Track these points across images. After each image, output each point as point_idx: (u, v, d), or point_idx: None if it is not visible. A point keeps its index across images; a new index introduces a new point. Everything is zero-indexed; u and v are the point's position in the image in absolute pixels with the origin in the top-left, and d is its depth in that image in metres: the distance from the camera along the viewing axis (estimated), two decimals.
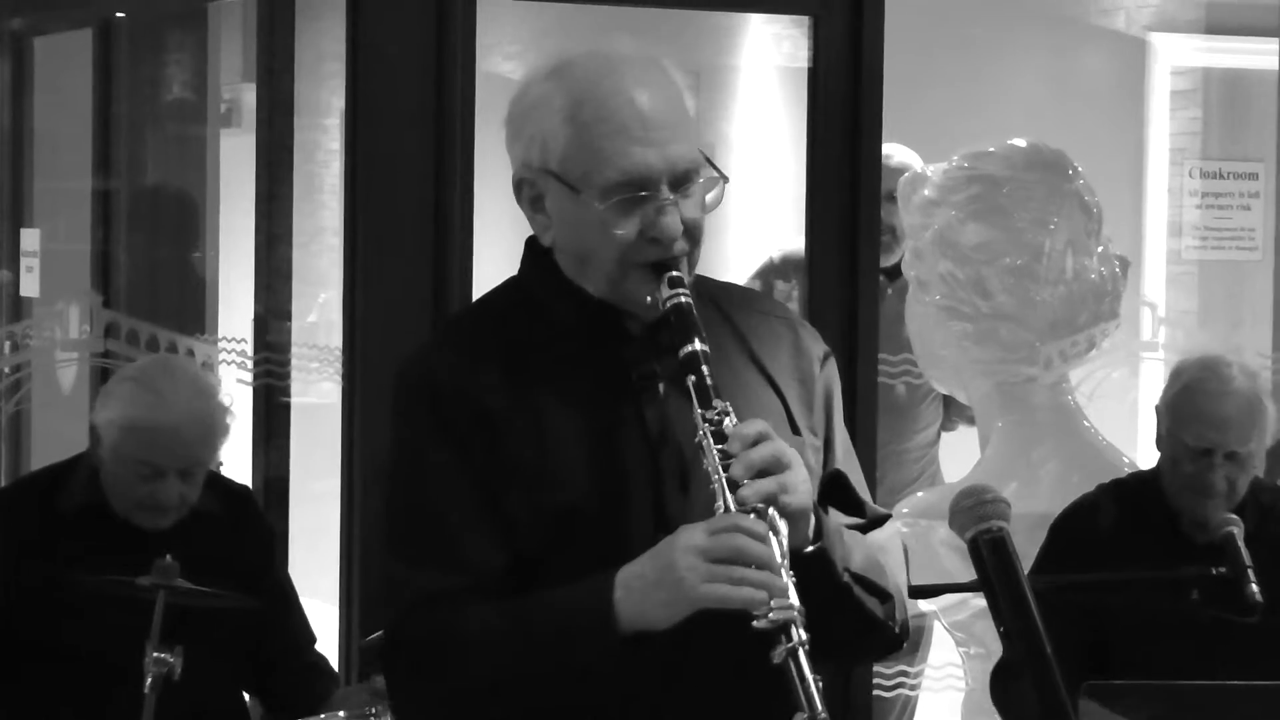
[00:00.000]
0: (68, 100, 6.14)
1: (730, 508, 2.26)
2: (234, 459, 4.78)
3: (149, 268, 6.05)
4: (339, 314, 4.68)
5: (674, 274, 2.37)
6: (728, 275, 5.82)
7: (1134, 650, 4.01)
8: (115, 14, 5.95)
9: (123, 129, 5.93)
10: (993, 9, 7.44)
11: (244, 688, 4.16)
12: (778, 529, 2.26)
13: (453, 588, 2.34)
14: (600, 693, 2.31)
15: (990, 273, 5.27)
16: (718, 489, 2.27)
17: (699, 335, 2.35)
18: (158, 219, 6.15)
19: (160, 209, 6.18)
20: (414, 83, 4.52)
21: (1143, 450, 4.32)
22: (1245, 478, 4.09)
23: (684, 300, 2.36)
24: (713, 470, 2.28)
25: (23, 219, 6.15)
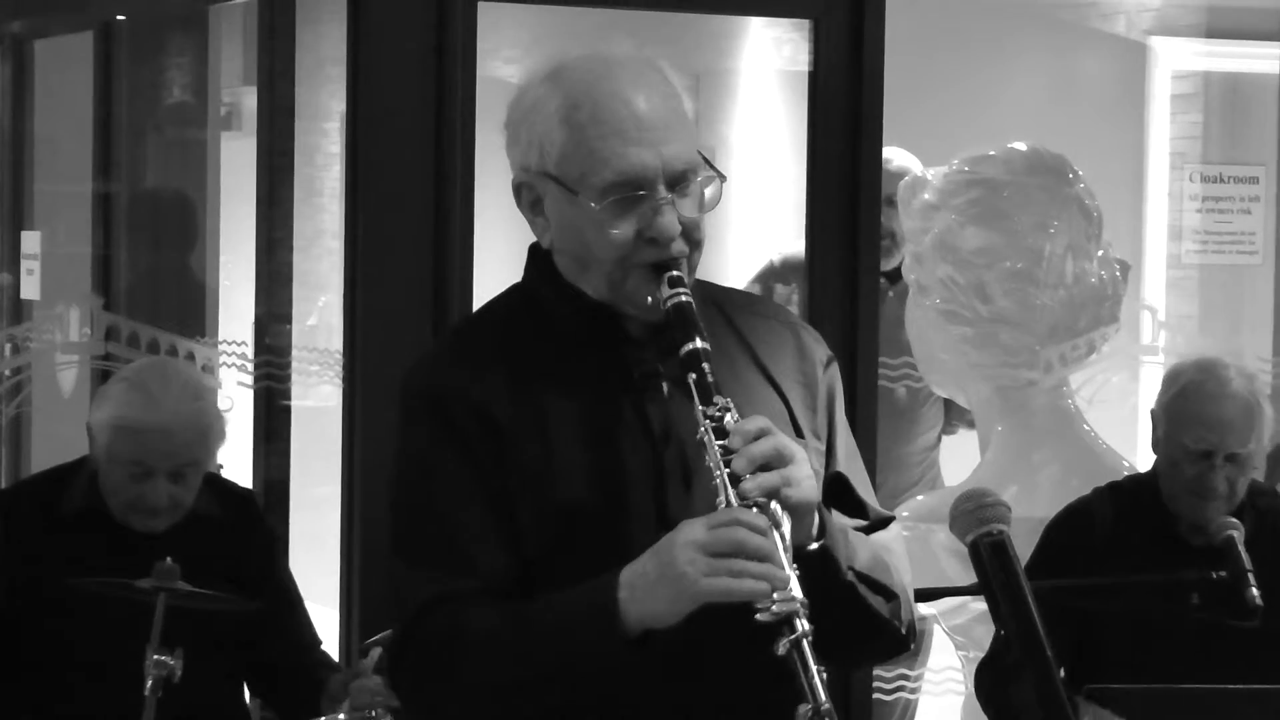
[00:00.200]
0: (68, 103, 6.14)
1: (732, 502, 2.26)
2: (234, 462, 4.78)
3: (149, 271, 6.05)
4: (339, 317, 4.68)
5: (674, 274, 2.37)
6: (728, 278, 5.83)
7: (1132, 653, 4.00)
8: (116, 17, 5.96)
9: (123, 132, 5.93)
10: (993, 13, 7.44)
11: (249, 691, 4.16)
12: (780, 522, 2.26)
13: (461, 590, 2.34)
14: (608, 691, 2.31)
15: (990, 277, 5.27)
16: (719, 484, 2.27)
17: (699, 333, 2.35)
18: (158, 222, 6.15)
19: (160, 212, 6.18)
20: (414, 86, 4.52)
21: (1143, 454, 4.32)
22: (1244, 479, 4.09)
23: (684, 299, 2.36)
24: (714, 466, 2.28)
25: (23, 222, 6.15)
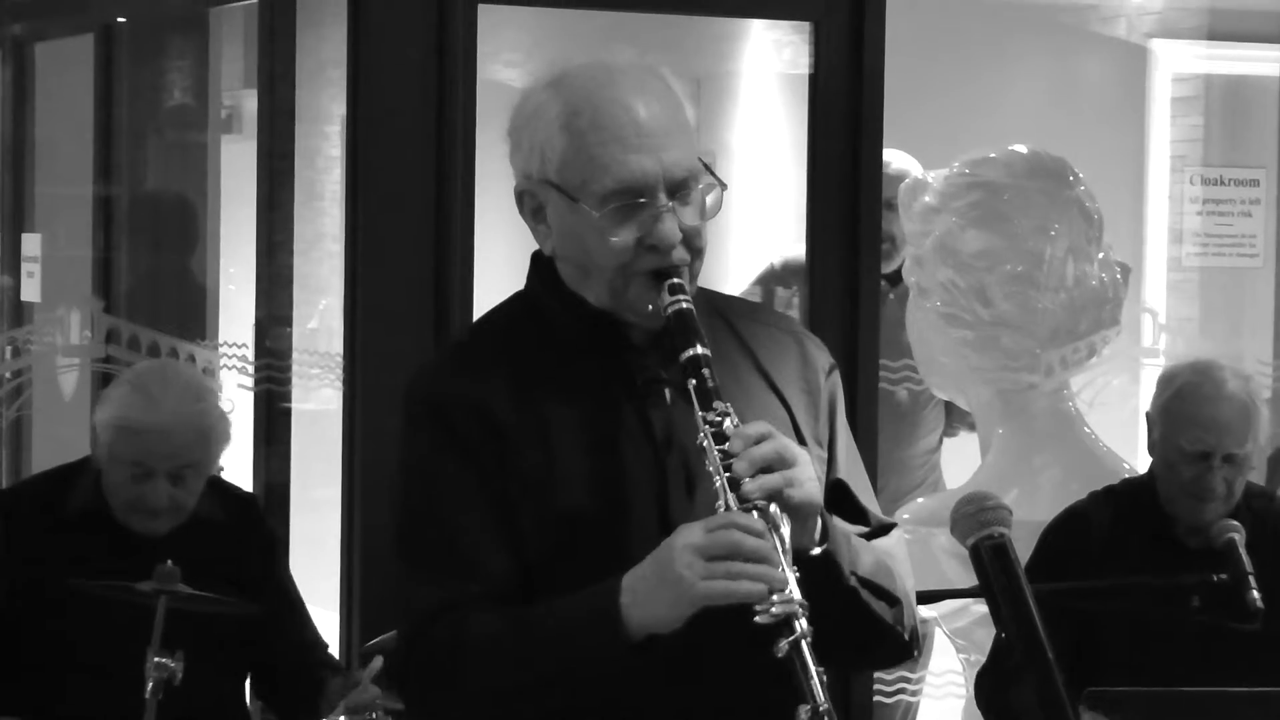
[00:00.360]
0: (69, 106, 6.15)
1: (731, 506, 2.26)
2: (235, 465, 4.78)
3: (150, 273, 6.05)
4: (340, 320, 4.68)
5: (674, 281, 2.38)
6: (729, 282, 5.84)
7: (1131, 656, 4.00)
8: (116, 19, 5.96)
9: (124, 135, 5.93)
10: (993, 15, 7.43)
11: (253, 694, 4.16)
12: (779, 525, 2.26)
13: (465, 596, 2.35)
14: (610, 696, 2.31)
15: (991, 280, 5.27)
16: (719, 488, 2.27)
17: (700, 339, 2.35)
18: (159, 225, 6.15)
19: (161, 215, 6.18)
20: (415, 89, 4.52)
21: (1143, 457, 4.33)
22: (1242, 480, 4.09)
23: (685, 306, 2.37)
24: (714, 470, 2.28)
25: (24, 224, 6.16)
